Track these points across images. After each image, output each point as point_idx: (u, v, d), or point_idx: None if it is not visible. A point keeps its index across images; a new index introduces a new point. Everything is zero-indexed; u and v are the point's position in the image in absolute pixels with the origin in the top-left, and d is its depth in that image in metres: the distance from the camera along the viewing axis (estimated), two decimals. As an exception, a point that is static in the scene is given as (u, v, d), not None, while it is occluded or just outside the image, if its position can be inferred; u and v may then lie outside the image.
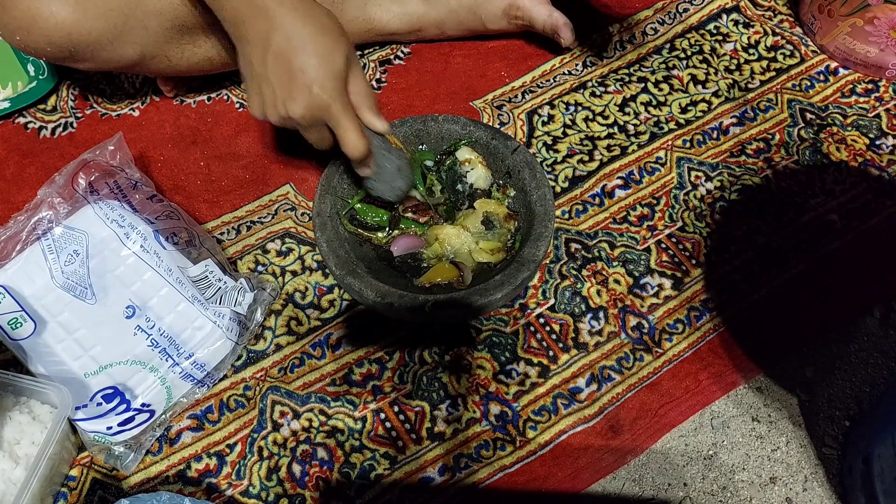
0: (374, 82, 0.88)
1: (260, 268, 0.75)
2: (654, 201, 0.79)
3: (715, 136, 0.84)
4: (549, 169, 0.81)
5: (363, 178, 0.68)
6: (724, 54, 0.91)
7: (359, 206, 0.72)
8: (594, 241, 0.76)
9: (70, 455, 0.64)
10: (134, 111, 0.86)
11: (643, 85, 0.88)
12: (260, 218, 0.78)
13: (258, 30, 0.58)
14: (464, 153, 0.75)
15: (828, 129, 0.84)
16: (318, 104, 0.59)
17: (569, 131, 0.84)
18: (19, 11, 0.65)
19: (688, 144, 0.83)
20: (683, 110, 0.86)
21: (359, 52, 0.90)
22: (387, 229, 0.72)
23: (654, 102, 0.86)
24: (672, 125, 0.85)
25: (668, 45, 0.91)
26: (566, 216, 0.78)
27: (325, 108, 0.59)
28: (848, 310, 0.73)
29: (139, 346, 0.65)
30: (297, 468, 0.65)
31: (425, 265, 0.70)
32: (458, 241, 0.70)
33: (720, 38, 0.92)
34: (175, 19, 0.70)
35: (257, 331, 0.71)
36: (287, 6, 0.57)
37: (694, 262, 0.76)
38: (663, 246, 0.77)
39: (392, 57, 0.90)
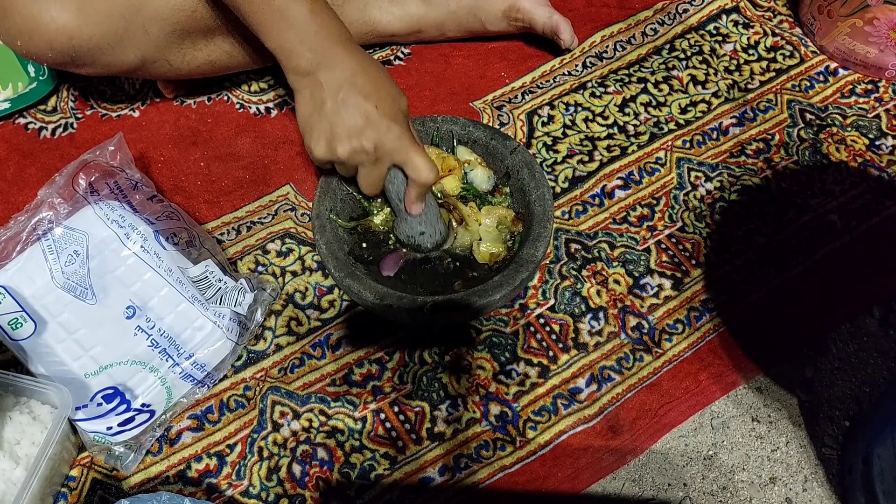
0: (374, 83, 0.88)
1: (260, 268, 0.75)
2: (654, 202, 0.79)
3: (715, 136, 0.84)
4: (549, 169, 0.81)
5: (405, 223, 0.68)
6: (724, 55, 0.91)
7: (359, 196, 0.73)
8: (594, 242, 0.76)
9: (70, 455, 0.64)
10: (134, 112, 0.86)
11: (643, 85, 0.88)
12: (260, 218, 0.78)
13: (330, 75, 0.61)
14: (463, 153, 0.75)
15: (827, 129, 0.84)
16: (391, 136, 0.62)
17: (569, 132, 0.84)
18: (21, 17, 0.65)
19: (687, 145, 0.83)
20: (683, 111, 0.86)
21: (359, 53, 0.91)
22: (384, 210, 0.72)
23: (654, 103, 0.87)
24: (672, 126, 0.85)
25: (667, 46, 0.91)
26: (566, 216, 0.78)
27: (397, 138, 0.62)
28: (848, 310, 0.73)
29: (139, 346, 0.65)
30: (297, 468, 0.65)
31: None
32: (472, 228, 0.70)
33: (720, 38, 0.92)
34: (176, 24, 0.70)
35: (257, 331, 0.71)
36: (356, 56, 0.62)
37: (694, 262, 0.76)
38: (663, 246, 0.77)
39: (392, 58, 0.90)
